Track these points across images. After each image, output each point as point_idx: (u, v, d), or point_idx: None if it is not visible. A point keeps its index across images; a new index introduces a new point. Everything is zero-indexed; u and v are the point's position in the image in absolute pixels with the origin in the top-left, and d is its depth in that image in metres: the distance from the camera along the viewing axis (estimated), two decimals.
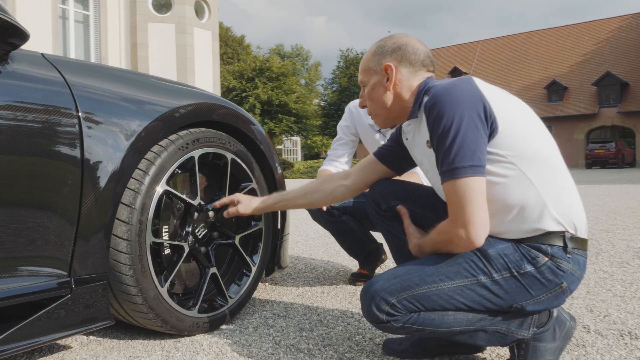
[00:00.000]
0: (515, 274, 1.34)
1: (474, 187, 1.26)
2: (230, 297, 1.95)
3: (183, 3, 14.58)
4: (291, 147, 45.31)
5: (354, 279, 2.60)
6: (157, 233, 1.73)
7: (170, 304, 1.69)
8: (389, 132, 2.55)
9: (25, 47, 1.45)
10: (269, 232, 2.14)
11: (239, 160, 1.98)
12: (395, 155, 1.72)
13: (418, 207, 1.67)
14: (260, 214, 1.98)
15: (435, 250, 1.41)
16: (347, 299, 2.31)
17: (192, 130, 1.81)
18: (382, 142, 2.54)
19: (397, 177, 1.80)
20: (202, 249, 1.89)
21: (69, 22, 13.31)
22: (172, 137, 1.74)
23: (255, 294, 2.40)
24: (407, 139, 1.61)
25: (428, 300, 1.36)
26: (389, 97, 1.53)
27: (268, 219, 2.14)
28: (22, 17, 11.63)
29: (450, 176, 1.29)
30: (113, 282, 1.59)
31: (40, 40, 11.83)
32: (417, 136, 1.52)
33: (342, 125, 2.74)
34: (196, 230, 1.86)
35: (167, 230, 1.79)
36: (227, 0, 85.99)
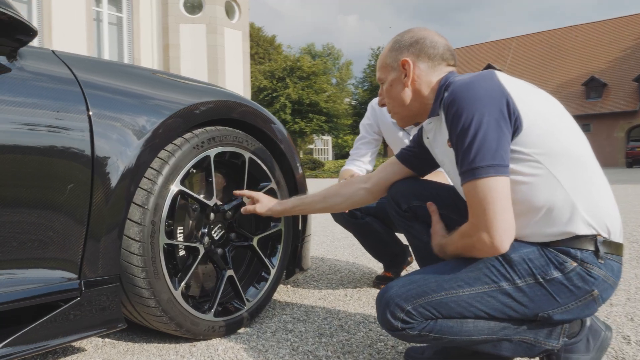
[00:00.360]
0: (541, 280, 1.24)
1: (496, 188, 1.17)
2: (248, 300, 1.89)
3: (214, 3, 14.70)
4: (322, 146, 45.31)
5: (378, 282, 2.52)
6: (171, 234, 1.68)
7: (185, 307, 1.65)
8: (413, 130, 2.45)
9: (61, 49, 1.43)
10: (289, 233, 2.08)
11: (257, 160, 1.93)
12: (418, 157, 1.64)
13: (441, 208, 1.58)
14: (277, 217, 1.93)
15: (457, 253, 1.32)
16: (371, 303, 2.23)
17: (207, 128, 1.76)
18: (406, 141, 2.45)
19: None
20: (219, 250, 1.84)
21: (103, 24, 13.59)
22: (187, 135, 1.69)
23: (276, 297, 2.34)
24: (428, 138, 1.52)
25: (445, 308, 1.27)
26: (407, 94, 1.46)
27: (288, 220, 2.07)
28: (57, 20, 11.91)
29: (470, 176, 1.20)
30: (126, 284, 1.55)
31: (75, 43, 12.10)
32: (438, 135, 1.44)
33: (364, 123, 2.66)
34: (212, 232, 1.81)
35: (181, 231, 1.74)
36: (260, 0, 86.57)
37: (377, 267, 2.98)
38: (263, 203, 1.79)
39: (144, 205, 1.53)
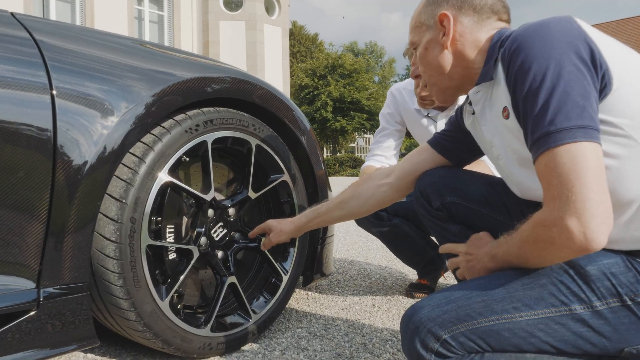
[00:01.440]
0: (629, 302, 0.91)
1: (589, 157, 0.82)
2: (254, 312, 1.61)
3: (253, 0, 14.59)
4: (364, 144, 44.78)
5: (411, 290, 2.19)
6: (158, 234, 1.42)
7: (174, 320, 1.38)
8: (440, 117, 2.11)
9: None
10: (305, 234, 1.79)
11: (266, 148, 1.64)
12: (456, 142, 1.33)
13: (483, 205, 1.27)
14: (296, 236, 1.65)
15: (521, 259, 0.97)
16: (401, 316, 1.91)
17: (204, 109, 1.49)
18: (432, 128, 2.11)
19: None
20: (219, 253, 1.57)
21: (145, 22, 13.68)
22: (179, 117, 1.42)
23: (294, 305, 2.06)
24: (473, 114, 1.20)
25: (496, 337, 0.95)
26: (446, 58, 1.14)
27: None
28: (100, 19, 12.03)
29: (547, 143, 0.85)
30: (102, 293, 1.30)
31: None
32: (487, 106, 1.12)
33: (384, 112, 2.32)
34: (212, 231, 1.54)
35: (171, 230, 1.48)
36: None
37: (412, 273, 2.66)
38: (275, 230, 1.55)
39: (122, 199, 1.28)
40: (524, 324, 0.94)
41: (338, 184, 8.24)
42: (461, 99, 1.88)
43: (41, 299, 1.16)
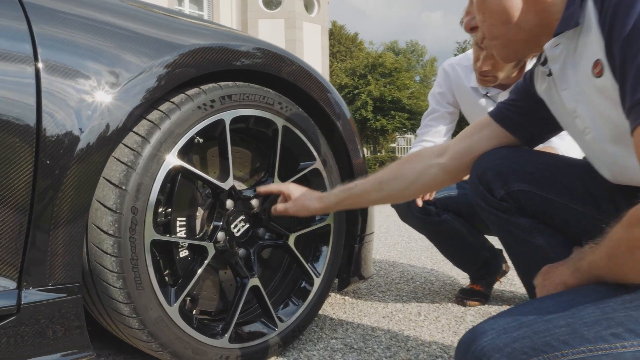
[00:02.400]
0: None
1: None
2: (281, 320, 1.39)
3: None
4: (405, 144, 44.14)
5: (462, 296, 1.93)
6: (167, 228, 1.22)
7: (184, 329, 1.18)
8: (503, 97, 1.81)
9: None
10: (341, 230, 1.56)
11: (295, 129, 1.43)
12: (525, 114, 1.07)
13: (562, 195, 1.01)
14: (322, 214, 1.41)
15: (613, 272, 0.73)
16: (453, 327, 1.66)
17: (221, 83, 1.28)
18: (491, 109, 1.83)
19: None
20: (240, 251, 1.36)
21: None
22: (192, 91, 1.22)
23: (328, 312, 1.83)
24: (549, 75, 0.95)
25: None
26: (514, 1, 0.89)
27: (339, 213, 1.55)
28: None
29: None
30: (101, 295, 1.11)
31: None
32: (569, 64, 0.86)
33: (434, 92, 2.03)
34: (231, 225, 1.34)
35: (183, 224, 1.28)
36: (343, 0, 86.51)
37: (462, 277, 2.39)
38: (297, 200, 1.30)
39: (122, 185, 1.08)
40: (629, 356, 0.68)
41: None
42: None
43: (22, 302, 0.97)
